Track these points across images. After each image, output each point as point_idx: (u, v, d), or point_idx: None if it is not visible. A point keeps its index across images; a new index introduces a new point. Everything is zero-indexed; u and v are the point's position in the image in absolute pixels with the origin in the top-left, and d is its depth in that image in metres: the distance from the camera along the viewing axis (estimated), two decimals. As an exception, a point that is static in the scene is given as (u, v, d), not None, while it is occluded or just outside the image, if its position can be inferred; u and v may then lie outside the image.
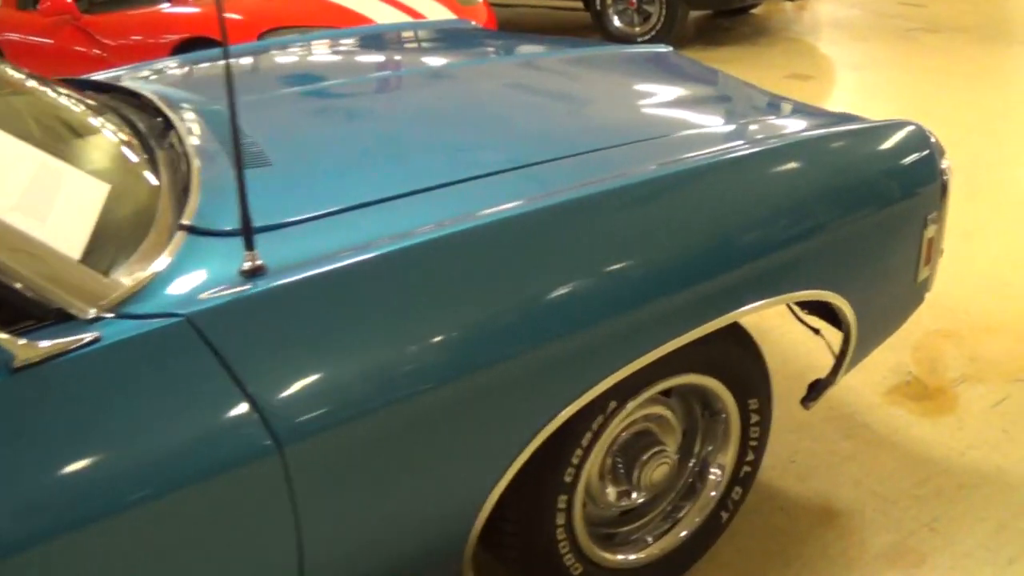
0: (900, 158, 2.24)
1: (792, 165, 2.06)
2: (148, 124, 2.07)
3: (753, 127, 2.31)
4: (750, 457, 2.23)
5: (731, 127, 2.32)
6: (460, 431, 1.54)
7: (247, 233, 1.38)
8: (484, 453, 1.59)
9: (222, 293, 1.35)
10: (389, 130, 2.21)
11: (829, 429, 2.83)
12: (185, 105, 2.22)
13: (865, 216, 2.11)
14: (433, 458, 1.52)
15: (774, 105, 2.60)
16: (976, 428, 2.80)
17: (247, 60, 2.95)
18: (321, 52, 3.18)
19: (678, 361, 1.88)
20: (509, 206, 1.66)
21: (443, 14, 5.81)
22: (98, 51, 5.89)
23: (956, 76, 6.39)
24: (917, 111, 5.65)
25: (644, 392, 1.87)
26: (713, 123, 2.35)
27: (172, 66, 2.94)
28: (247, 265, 1.38)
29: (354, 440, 1.40)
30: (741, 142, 2.10)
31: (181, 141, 1.91)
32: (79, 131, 2.02)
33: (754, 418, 2.17)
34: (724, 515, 2.24)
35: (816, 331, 2.40)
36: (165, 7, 5.68)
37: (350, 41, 3.31)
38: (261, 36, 5.16)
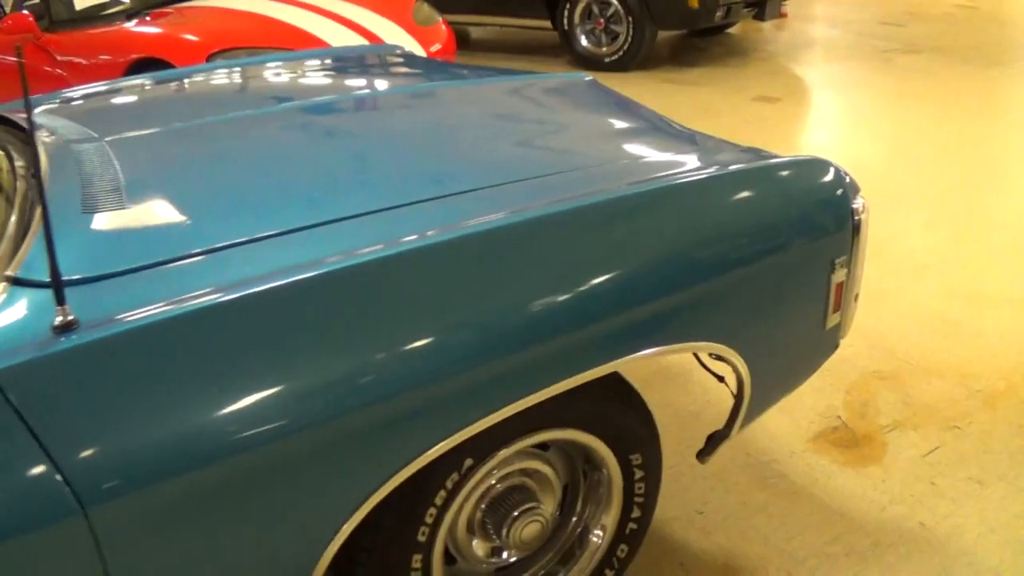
0: (805, 199, 2.08)
1: (679, 206, 1.90)
2: (18, 162, 1.97)
3: (649, 164, 2.16)
4: (636, 514, 2.08)
5: (626, 164, 2.17)
6: (285, 491, 1.42)
7: (57, 287, 1.31)
8: (311, 516, 1.47)
9: (28, 349, 1.28)
10: (268, 169, 2.08)
11: (744, 478, 2.65)
12: (65, 140, 2.13)
13: (760, 261, 1.95)
14: (255, 520, 1.42)
15: (681, 140, 2.44)
16: (902, 480, 2.62)
17: (160, 88, 2.83)
18: (230, 81, 3.08)
19: (543, 416, 1.75)
20: (336, 257, 1.52)
21: (399, 34, 5.72)
22: (59, 70, 5.80)
23: (928, 99, 6.23)
24: (884, 135, 5.50)
25: (505, 449, 1.74)
26: (608, 159, 2.20)
27: (94, 91, 2.88)
28: (58, 320, 1.31)
29: (166, 500, 1.31)
30: (628, 181, 1.94)
31: (40, 182, 1.79)
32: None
33: (638, 474, 2.02)
34: (609, 573, 2.10)
35: (720, 378, 2.23)
36: (128, 25, 5.59)
37: (264, 69, 3.19)
38: (210, 58, 5.09)
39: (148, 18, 5.64)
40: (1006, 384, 3.03)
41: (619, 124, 2.59)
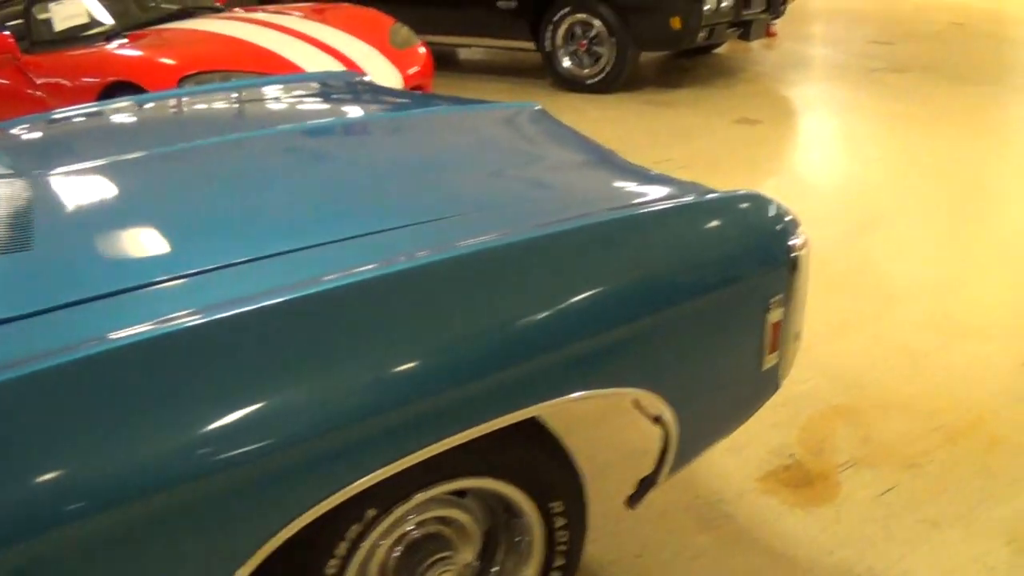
0: (739, 236, 1.99)
1: (603, 244, 1.81)
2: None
3: (579, 200, 2.07)
4: (559, 562, 1.98)
5: (555, 200, 2.10)
6: (176, 538, 1.38)
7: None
8: (206, 563, 1.42)
9: None
10: (186, 206, 2.03)
11: (688, 519, 2.55)
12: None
13: (688, 302, 1.86)
14: (150, 567, 1.37)
15: (618, 175, 2.36)
16: (854, 522, 2.51)
17: (103, 118, 2.78)
18: (173, 111, 3.05)
19: (453, 465, 1.67)
20: (214, 307, 1.44)
21: (375, 58, 5.69)
22: (38, 92, 5.78)
23: (915, 119, 6.13)
24: (866, 157, 5.42)
25: (413, 499, 1.66)
26: (537, 195, 2.15)
27: (42, 120, 2.89)
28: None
29: (55, 549, 1.27)
30: (553, 218, 1.85)
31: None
32: None
33: (559, 522, 1.92)
34: (533, 623, 1.98)
35: (656, 418, 2.12)
36: (108, 47, 5.56)
37: (209, 99, 3.14)
38: (181, 81, 5.08)
39: (127, 40, 5.60)
40: (970, 420, 2.92)
41: (558, 157, 2.52)
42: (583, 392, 1.71)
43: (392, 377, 1.48)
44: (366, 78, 3.47)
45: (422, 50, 6.25)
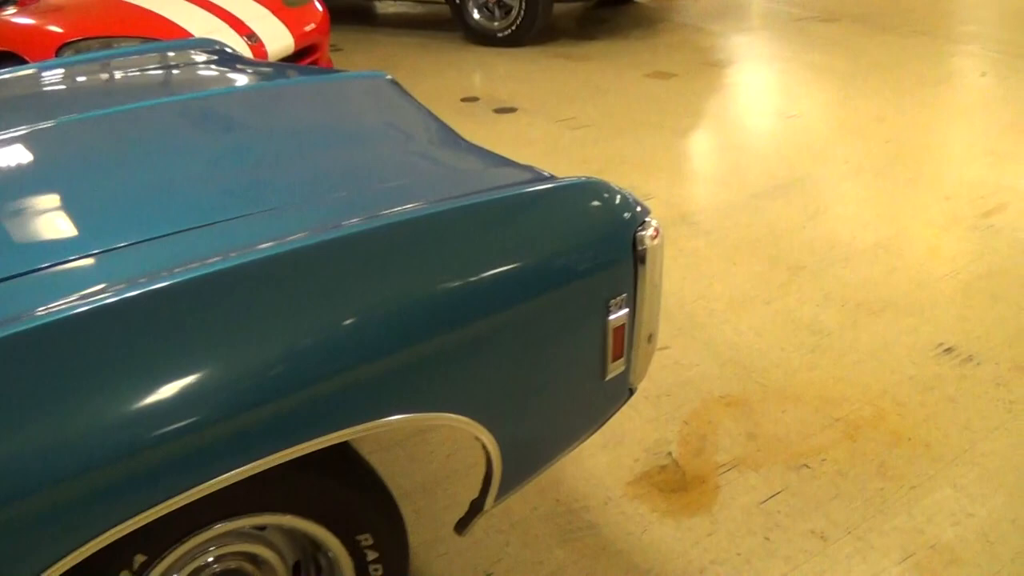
0: (569, 232, 1.67)
1: (405, 247, 1.49)
2: None
3: (395, 192, 1.72)
4: (377, 593, 1.70)
5: (369, 192, 1.74)
6: None
7: None
8: None
9: None
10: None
11: (547, 529, 2.22)
12: None
13: (508, 310, 1.56)
14: None
15: (450, 160, 2.02)
16: (731, 533, 2.19)
17: None
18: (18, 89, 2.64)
19: (230, 503, 1.45)
20: None
21: (266, 18, 5.37)
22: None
23: (842, 73, 5.79)
24: (781, 112, 5.06)
25: (187, 542, 1.45)
26: (350, 186, 1.78)
27: None
28: None
29: None
30: (363, 213, 1.54)
31: None
32: None
33: (371, 555, 1.68)
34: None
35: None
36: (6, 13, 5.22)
37: (53, 73, 2.77)
38: (59, 50, 4.86)
39: (16, 8, 5.30)
40: (872, 411, 2.59)
41: (391, 139, 2.17)
42: (375, 422, 1.44)
43: (149, 415, 1.22)
44: (227, 48, 3.05)
45: (319, 6, 5.88)
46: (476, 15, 6.70)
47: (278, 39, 5.41)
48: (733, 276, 3.35)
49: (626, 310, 1.71)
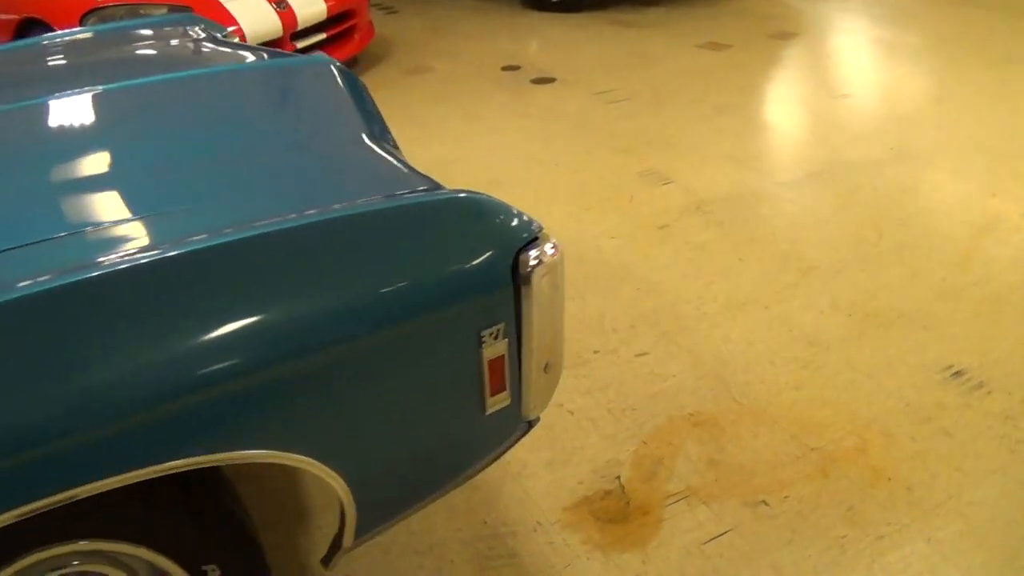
0: (429, 256, 1.45)
1: (249, 267, 1.32)
2: None
3: (260, 203, 1.52)
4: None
5: (238, 202, 1.55)
6: None
7: None
8: None
9: None
10: None
11: (465, 555, 2.03)
12: None
13: (353, 341, 1.37)
14: None
15: (352, 164, 1.78)
16: (665, 577, 1.94)
17: None
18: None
19: (53, 529, 1.34)
20: None
21: None
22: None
23: (905, 48, 5.36)
24: (839, 93, 4.68)
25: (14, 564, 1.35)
26: (218, 194, 1.59)
27: None
28: None
29: None
30: (202, 234, 1.35)
31: None
32: None
33: None
34: None
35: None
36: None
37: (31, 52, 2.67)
38: (83, 18, 4.90)
39: None
40: (855, 442, 2.31)
41: (287, 138, 1.92)
42: (195, 458, 1.28)
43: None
44: (203, 28, 2.88)
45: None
46: (533, -22, 6.44)
47: (309, 4, 5.26)
48: (737, 275, 3.07)
49: (505, 341, 1.50)
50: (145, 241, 1.36)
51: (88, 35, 2.86)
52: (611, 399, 2.52)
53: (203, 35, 2.74)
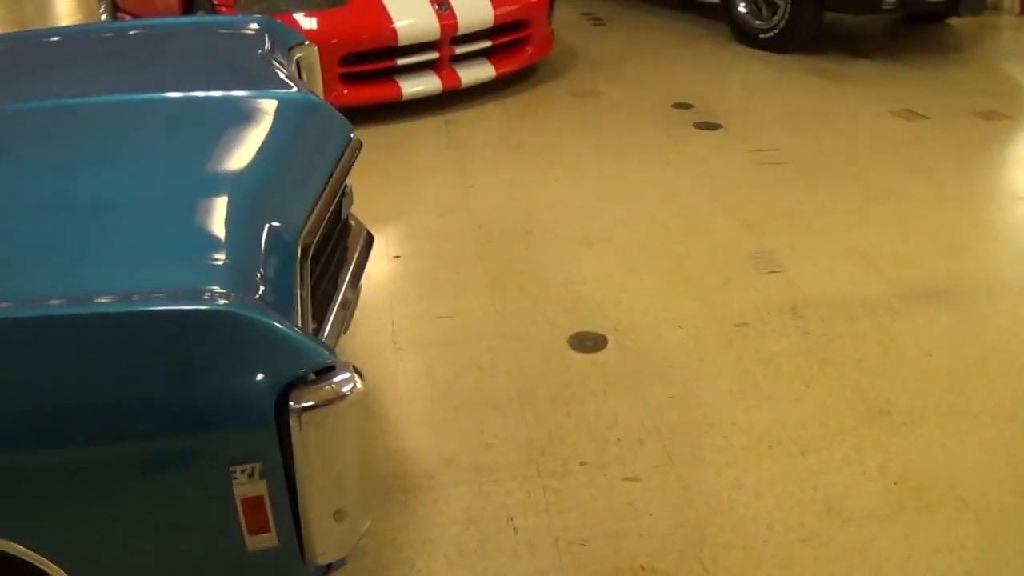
0: (173, 375, 1.28)
1: None
2: None
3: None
4: None
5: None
6: None
7: None
8: None
9: None
10: None
11: None
12: None
13: (67, 446, 1.27)
14: None
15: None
16: None
17: None
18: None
19: None
20: None
21: None
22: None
23: None
24: (1012, 194, 4.02)
25: None
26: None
27: None
28: None
29: None
30: None
31: None
32: None
33: None
34: None
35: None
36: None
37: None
38: None
39: None
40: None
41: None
42: None
43: None
44: (272, 32, 2.75)
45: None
46: (742, 7, 5.98)
47: (474, 10, 5.07)
48: (790, 404, 2.65)
49: (264, 482, 1.31)
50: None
51: (137, 30, 2.81)
52: (566, 526, 2.20)
53: (253, 45, 2.58)
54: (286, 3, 4.87)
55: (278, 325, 1.29)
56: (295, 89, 2.12)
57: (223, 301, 1.30)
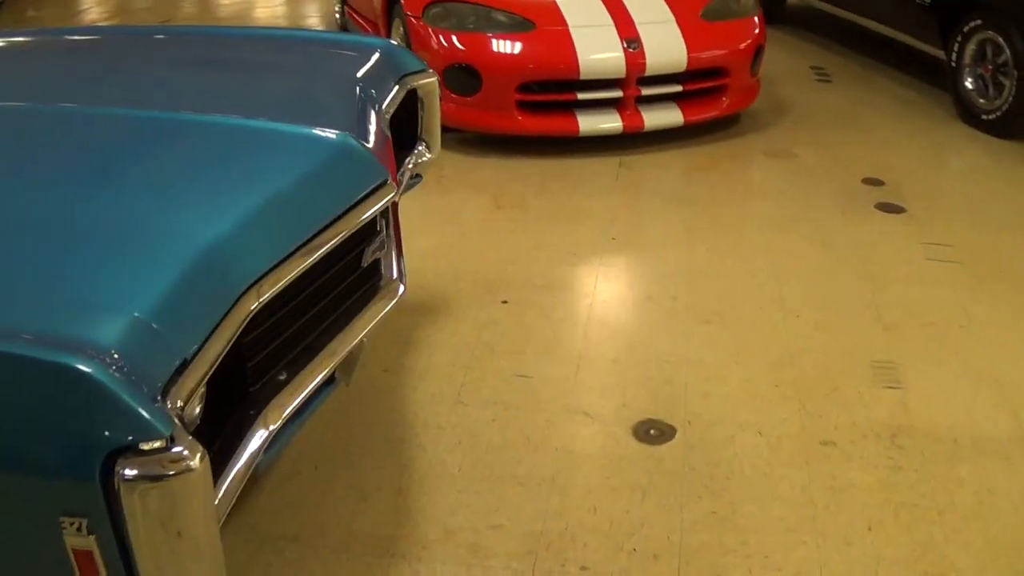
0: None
1: None
2: None
3: None
4: None
5: None
6: None
7: None
8: None
9: None
10: None
11: None
12: None
13: None
14: None
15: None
16: None
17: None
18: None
19: None
20: None
21: (664, 25, 5.13)
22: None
23: None
24: None
25: None
26: None
27: None
28: None
29: None
30: None
31: None
32: None
33: None
34: None
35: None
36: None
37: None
38: (427, 7, 4.97)
39: None
40: None
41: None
42: None
43: None
44: (392, 57, 2.77)
45: (755, 26, 5.21)
46: (969, 83, 5.50)
47: (667, 51, 4.91)
48: (838, 547, 2.41)
49: (92, 537, 1.33)
50: None
51: (237, 39, 2.87)
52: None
53: (349, 70, 2.59)
54: (475, 22, 4.87)
55: (117, 391, 1.28)
56: (334, 130, 2.07)
57: (76, 356, 1.29)
